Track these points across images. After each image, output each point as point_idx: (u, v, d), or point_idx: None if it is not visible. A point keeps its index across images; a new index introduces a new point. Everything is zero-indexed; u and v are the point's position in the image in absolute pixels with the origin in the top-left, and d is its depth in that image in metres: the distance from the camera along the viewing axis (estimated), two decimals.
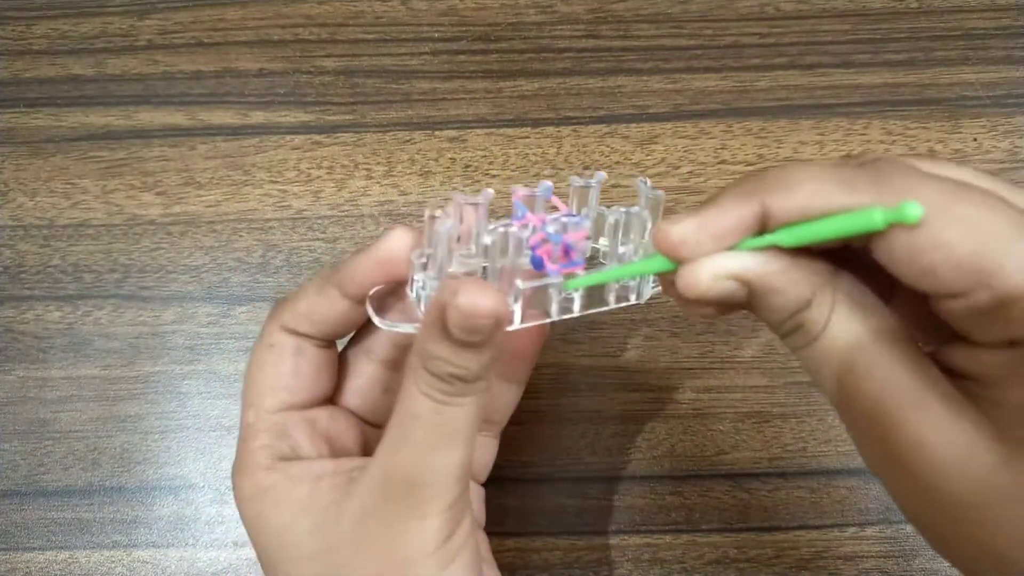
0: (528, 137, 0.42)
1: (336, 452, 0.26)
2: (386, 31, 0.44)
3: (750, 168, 0.41)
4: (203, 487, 0.37)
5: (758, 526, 0.36)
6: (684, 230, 0.20)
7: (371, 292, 0.25)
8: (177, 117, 0.42)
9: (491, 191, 0.24)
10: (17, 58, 0.44)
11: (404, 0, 0.44)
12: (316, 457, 0.26)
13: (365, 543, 0.23)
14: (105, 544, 0.36)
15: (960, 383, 0.19)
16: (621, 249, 0.25)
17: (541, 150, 0.41)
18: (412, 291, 0.24)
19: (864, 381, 0.19)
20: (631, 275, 0.25)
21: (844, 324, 0.19)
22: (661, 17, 0.44)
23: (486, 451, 0.30)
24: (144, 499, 0.37)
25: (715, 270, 0.20)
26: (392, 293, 0.25)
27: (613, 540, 0.36)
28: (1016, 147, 0.40)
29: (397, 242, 0.24)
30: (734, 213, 0.19)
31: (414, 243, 0.24)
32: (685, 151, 0.41)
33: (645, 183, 0.25)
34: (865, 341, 0.19)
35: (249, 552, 0.36)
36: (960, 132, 0.41)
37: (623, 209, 0.25)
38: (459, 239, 0.24)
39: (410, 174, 0.41)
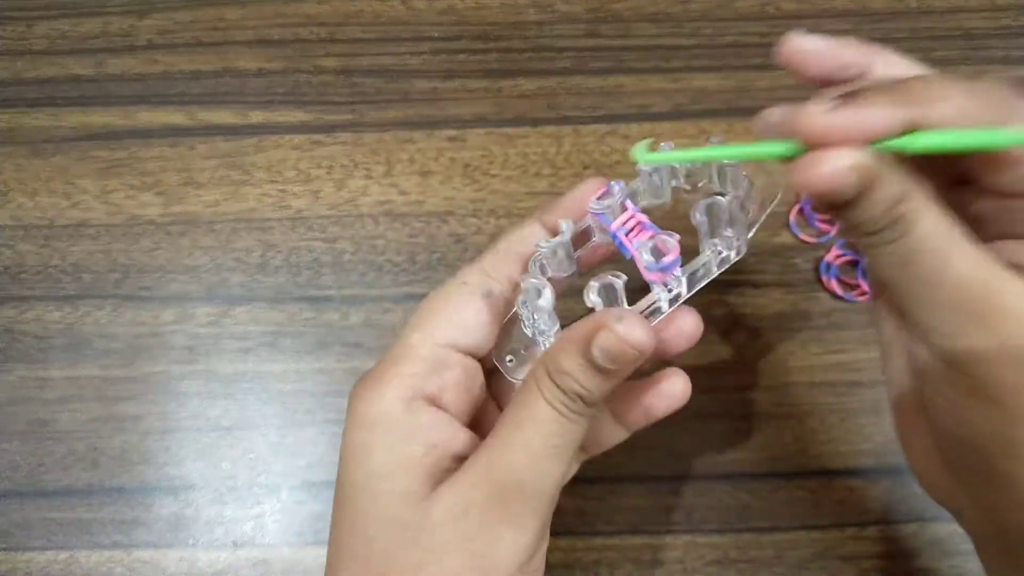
0: (528, 137, 0.41)
1: (472, 408, 0.27)
2: (386, 30, 0.44)
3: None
4: (203, 487, 0.37)
5: (758, 526, 0.36)
6: (837, 119, 0.19)
7: (498, 353, 0.27)
8: (177, 117, 0.42)
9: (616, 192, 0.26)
10: (17, 58, 0.44)
11: None
12: (454, 409, 0.26)
13: (457, 539, 0.23)
14: (105, 544, 0.36)
15: None
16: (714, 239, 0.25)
17: (541, 150, 0.41)
18: (527, 327, 0.26)
19: (952, 267, 0.20)
20: (741, 157, 0.24)
21: (938, 216, 0.20)
22: (661, 16, 0.44)
23: (612, 433, 0.29)
24: (144, 499, 0.37)
25: (856, 159, 0.19)
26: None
27: (613, 540, 0.36)
28: None
29: (594, 186, 0.27)
30: (889, 115, 0.19)
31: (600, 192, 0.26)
32: None
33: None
34: (955, 233, 0.20)
35: (249, 552, 0.36)
36: None
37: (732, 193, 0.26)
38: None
39: (410, 174, 0.41)
